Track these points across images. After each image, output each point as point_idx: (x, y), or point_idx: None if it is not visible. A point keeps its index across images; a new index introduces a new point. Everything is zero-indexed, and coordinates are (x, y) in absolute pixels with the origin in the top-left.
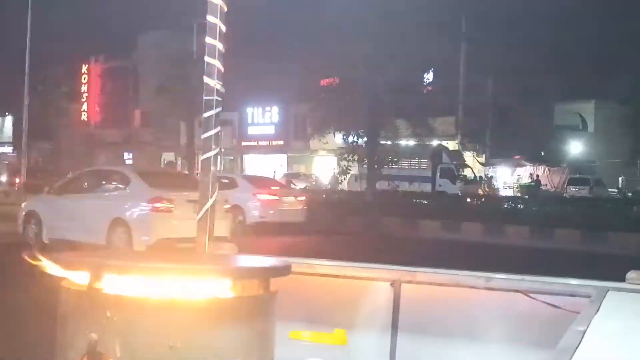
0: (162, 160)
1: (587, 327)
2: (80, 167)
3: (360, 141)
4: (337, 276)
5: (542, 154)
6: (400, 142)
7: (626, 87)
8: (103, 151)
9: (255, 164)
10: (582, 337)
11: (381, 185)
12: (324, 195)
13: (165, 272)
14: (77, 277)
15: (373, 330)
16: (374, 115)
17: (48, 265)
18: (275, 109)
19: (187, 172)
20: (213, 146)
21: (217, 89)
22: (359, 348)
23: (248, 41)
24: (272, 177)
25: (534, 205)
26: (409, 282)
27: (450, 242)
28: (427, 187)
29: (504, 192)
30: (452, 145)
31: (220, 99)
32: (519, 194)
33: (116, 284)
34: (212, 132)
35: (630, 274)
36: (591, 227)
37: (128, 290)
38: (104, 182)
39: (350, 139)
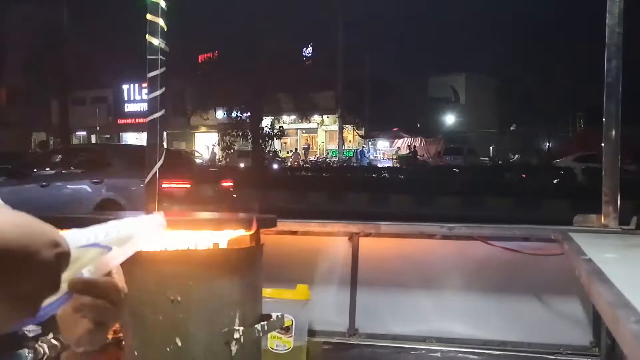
0: (32, 140)
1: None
2: None
3: (243, 116)
4: (295, 232)
5: (419, 125)
6: (283, 116)
7: (494, 60)
8: None
9: (134, 143)
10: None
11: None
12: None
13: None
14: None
15: (334, 284)
16: (256, 90)
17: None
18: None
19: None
20: (159, 107)
21: (161, 48)
22: (322, 302)
23: (125, 15)
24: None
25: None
26: (368, 235)
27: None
28: None
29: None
30: (332, 119)
31: (164, 58)
32: (397, 165)
33: None
34: (158, 93)
35: (577, 218)
36: (466, 193)
37: None
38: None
39: (233, 114)
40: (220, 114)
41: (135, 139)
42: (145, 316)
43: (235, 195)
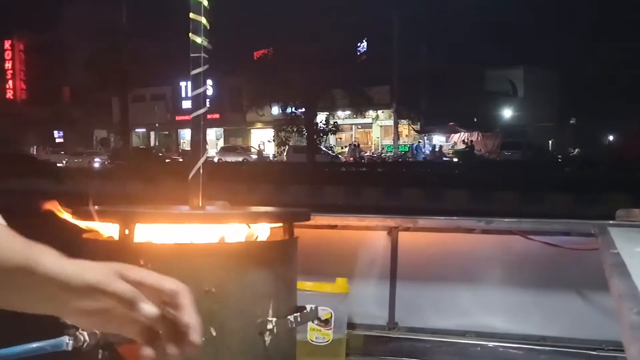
0: (94, 138)
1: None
2: (10, 147)
3: (298, 112)
4: (335, 227)
5: (475, 119)
6: (337, 112)
7: (553, 52)
8: (32, 130)
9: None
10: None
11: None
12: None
13: (197, 219)
14: (105, 229)
15: (373, 278)
16: (311, 86)
17: (73, 218)
18: (209, 82)
19: None
20: (202, 104)
21: (204, 46)
22: (360, 295)
23: (180, 12)
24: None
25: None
26: (407, 229)
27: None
28: None
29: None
30: (387, 114)
31: (207, 56)
32: (454, 160)
33: (147, 232)
34: (201, 90)
35: (619, 212)
36: (525, 189)
37: (160, 238)
38: None
39: (288, 110)
40: (275, 109)
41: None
42: None
43: None
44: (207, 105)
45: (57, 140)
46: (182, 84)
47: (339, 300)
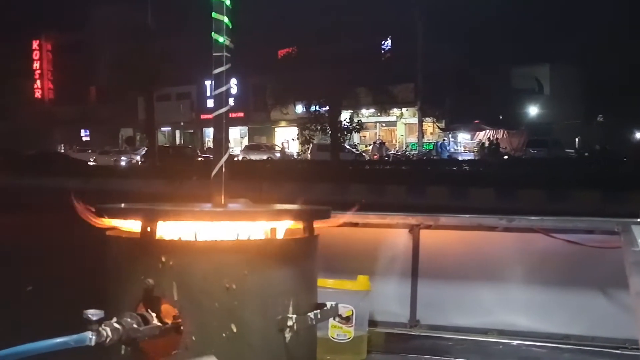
0: (120, 136)
1: None
2: (38, 146)
3: (322, 110)
4: (356, 224)
5: (501, 117)
6: (361, 110)
7: (579, 49)
8: (59, 129)
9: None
10: None
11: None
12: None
13: (217, 216)
14: (128, 226)
15: (394, 276)
16: (335, 84)
17: (96, 216)
18: (233, 81)
19: None
20: (224, 103)
21: (226, 45)
22: (382, 293)
23: (204, 12)
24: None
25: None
26: (428, 227)
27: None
28: None
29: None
30: (412, 112)
31: (229, 55)
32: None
33: (169, 229)
34: (223, 89)
35: None
36: (551, 187)
37: (182, 235)
38: None
39: (312, 108)
40: (299, 108)
41: None
42: (202, 303)
43: None
44: (230, 104)
45: (84, 139)
46: (207, 82)
47: (361, 297)
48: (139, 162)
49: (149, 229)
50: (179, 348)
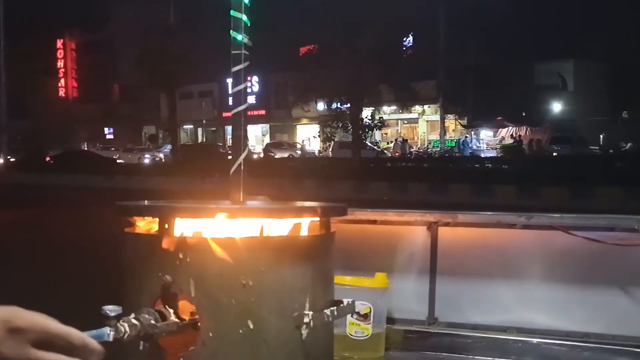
0: (143, 134)
1: None
2: (63, 145)
3: (343, 107)
4: (375, 222)
5: (524, 114)
6: (383, 107)
7: (604, 45)
8: (83, 127)
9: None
10: None
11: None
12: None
13: (234, 213)
14: (146, 223)
15: (412, 273)
16: (356, 81)
17: (115, 214)
18: (255, 79)
19: None
20: (243, 100)
21: (244, 43)
22: (400, 290)
23: (225, 10)
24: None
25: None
26: (447, 224)
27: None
28: None
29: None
30: (434, 109)
31: (248, 53)
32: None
33: (186, 226)
34: (241, 86)
35: None
36: (575, 184)
37: (199, 232)
38: None
39: (334, 105)
40: (321, 105)
41: None
42: (219, 299)
43: None
44: (252, 101)
45: (107, 137)
46: (229, 80)
47: (378, 294)
48: (162, 160)
49: (166, 226)
50: (196, 344)
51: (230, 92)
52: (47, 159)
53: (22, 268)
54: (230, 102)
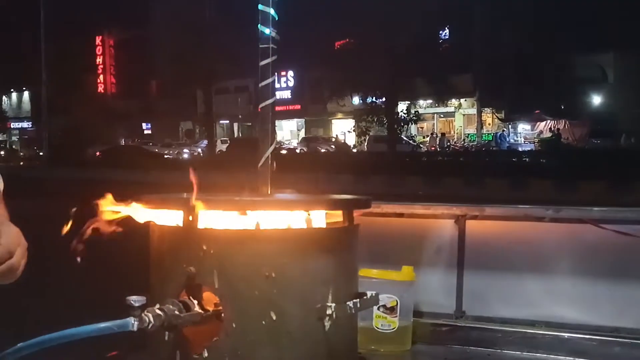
0: (180, 129)
1: None
2: (101, 140)
3: (378, 102)
4: (402, 215)
5: (562, 107)
6: (419, 101)
7: None
8: (121, 123)
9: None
10: None
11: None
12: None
13: (258, 205)
14: (170, 216)
15: (440, 267)
16: (392, 75)
17: (139, 207)
18: (290, 73)
19: None
20: (270, 95)
21: (272, 37)
22: (427, 284)
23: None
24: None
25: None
26: (474, 217)
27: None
28: None
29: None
30: (470, 102)
31: (275, 47)
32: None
33: (210, 219)
34: (269, 81)
35: None
36: (615, 178)
37: (222, 224)
38: None
39: (369, 100)
40: (356, 100)
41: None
42: (242, 291)
43: None
44: (287, 96)
45: (145, 132)
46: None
47: (405, 288)
48: (201, 155)
49: (190, 218)
50: (220, 335)
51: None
52: (98, 154)
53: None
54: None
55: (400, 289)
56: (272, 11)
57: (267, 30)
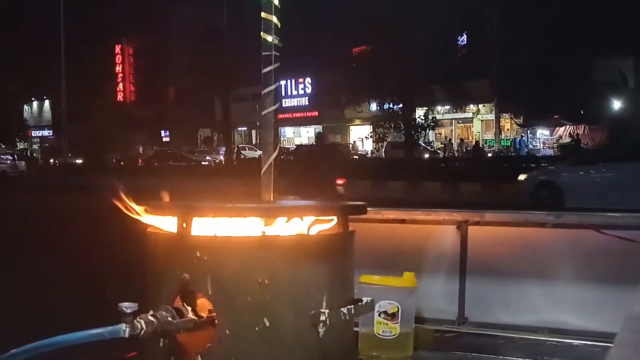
0: (198, 136)
1: None
2: (120, 147)
3: (395, 108)
4: (403, 221)
5: (582, 112)
6: (437, 107)
7: None
8: (139, 130)
9: (291, 136)
10: None
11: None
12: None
13: (251, 212)
14: (165, 222)
15: (442, 273)
16: (409, 82)
17: (136, 213)
18: (308, 80)
19: None
20: (273, 101)
21: (274, 44)
22: (429, 290)
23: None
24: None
25: None
26: (476, 223)
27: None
28: None
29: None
30: (488, 108)
31: (278, 54)
32: (559, 154)
33: (204, 225)
34: (271, 88)
35: None
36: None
37: (216, 231)
38: None
39: (386, 106)
40: (373, 106)
41: (292, 133)
42: (236, 297)
43: None
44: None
45: (164, 139)
46: (282, 82)
47: (406, 294)
48: (223, 162)
49: (184, 225)
50: (213, 341)
51: (284, 94)
52: (140, 161)
53: None
54: (288, 104)
55: (401, 295)
56: (274, 19)
57: (269, 38)
